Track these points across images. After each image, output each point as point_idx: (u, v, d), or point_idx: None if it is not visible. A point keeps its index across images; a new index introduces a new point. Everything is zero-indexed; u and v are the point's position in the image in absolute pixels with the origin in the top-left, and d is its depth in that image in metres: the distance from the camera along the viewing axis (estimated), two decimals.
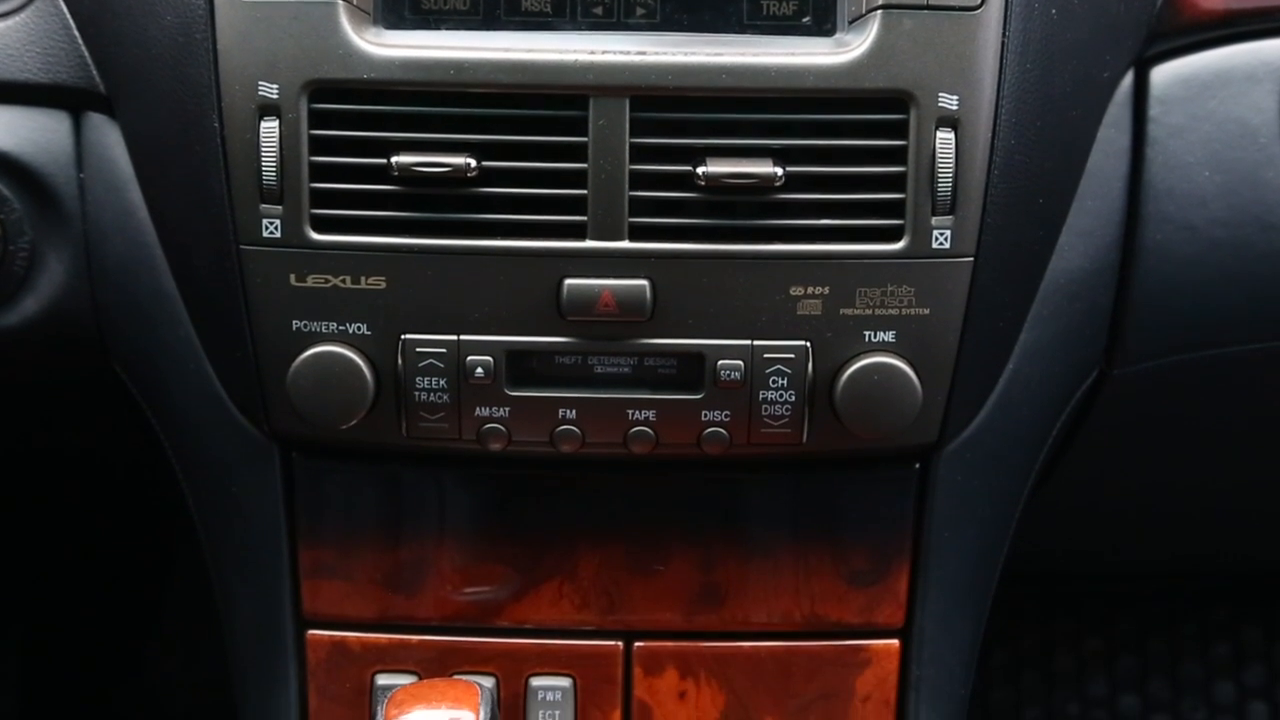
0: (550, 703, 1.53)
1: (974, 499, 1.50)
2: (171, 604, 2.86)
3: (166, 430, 1.54)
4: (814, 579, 1.52)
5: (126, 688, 2.83)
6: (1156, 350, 1.48)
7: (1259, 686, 2.67)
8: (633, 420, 1.40)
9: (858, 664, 1.54)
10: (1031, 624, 2.77)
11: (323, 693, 1.54)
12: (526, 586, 1.52)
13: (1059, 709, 2.72)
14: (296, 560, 1.51)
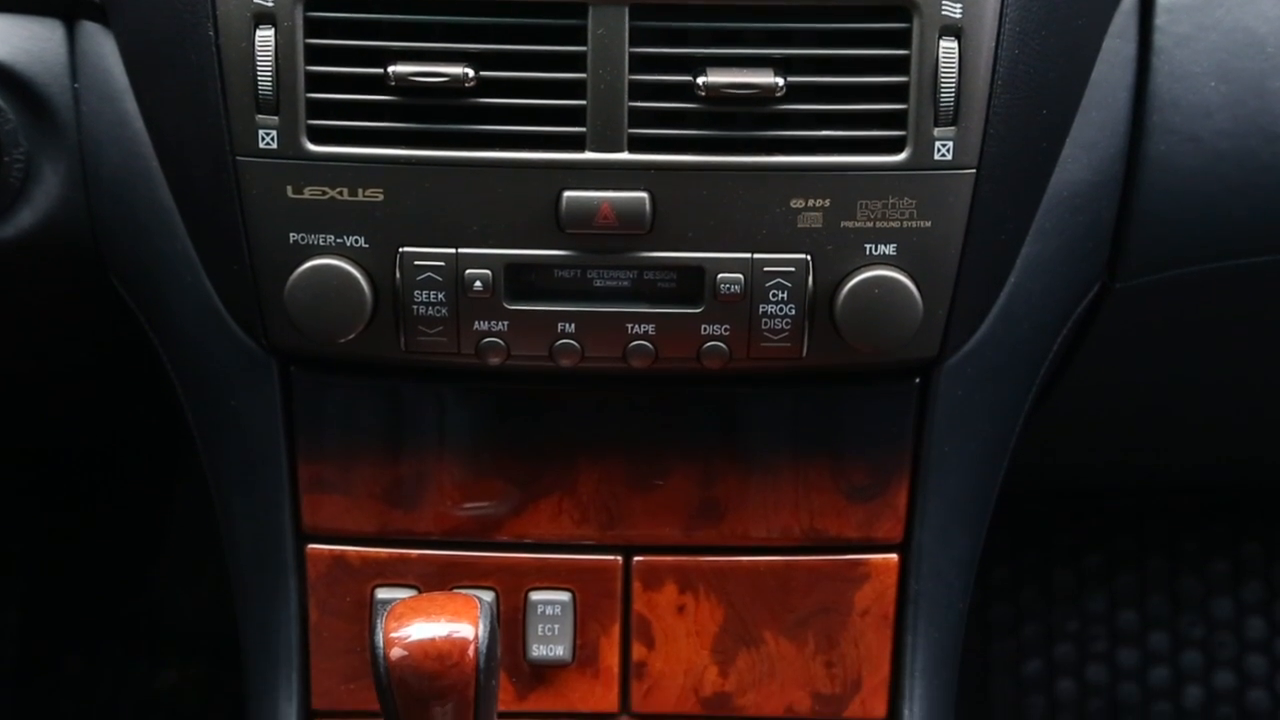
0: (550, 616, 1.54)
1: (974, 414, 1.50)
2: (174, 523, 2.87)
3: (164, 344, 1.53)
4: (813, 494, 1.51)
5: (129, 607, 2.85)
6: (1159, 263, 1.48)
7: (1257, 603, 2.68)
8: (632, 334, 1.39)
9: (856, 579, 1.54)
10: (1031, 540, 2.77)
11: (323, 607, 1.54)
12: (526, 501, 1.52)
13: (1058, 625, 2.73)
14: (296, 475, 1.51)
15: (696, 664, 1.56)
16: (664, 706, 1.57)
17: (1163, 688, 2.69)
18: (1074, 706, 2.70)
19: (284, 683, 1.55)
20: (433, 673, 1.25)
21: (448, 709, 1.27)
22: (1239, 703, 2.66)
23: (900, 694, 1.56)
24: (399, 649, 1.25)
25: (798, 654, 1.55)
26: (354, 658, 1.54)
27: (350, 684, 1.55)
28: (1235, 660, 2.68)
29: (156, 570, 2.85)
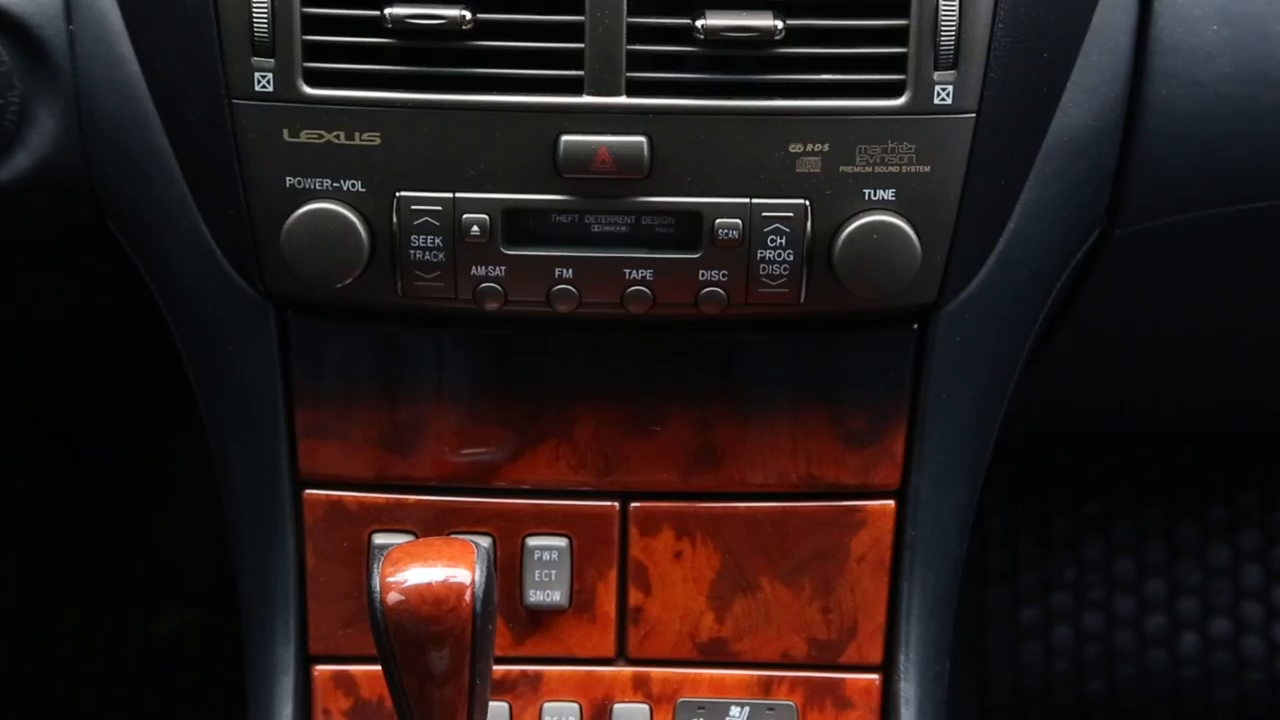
0: (547, 562, 1.54)
1: (972, 360, 1.49)
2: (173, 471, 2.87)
3: (161, 289, 1.53)
4: (810, 440, 1.51)
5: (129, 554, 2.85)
6: (1160, 209, 1.47)
7: (1254, 550, 2.69)
8: (630, 280, 1.39)
9: (853, 525, 1.54)
10: (1028, 489, 2.78)
11: (320, 552, 1.54)
12: (523, 447, 1.52)
13: (1055, 573, 2.74)
14: (292, 420, 1.51)
15: (693, 610, 1.56)
16: (660, 652, 1.57)
17: (1159, 635, 2.70)
18: (1070, 654, 2.71)
19: (281, 628, 1.55)
20: (429, 617, 1.25)
21: (444, 653, 1.27)
22: (1235, 649, 2.67)
23: (896, 640, 1.56)
24: (396, 594, 1.25)
25: (794, 600, 1.55)
26: (351, 603, 1.54)
27: (348, 629, 1.55)
28: (1231, 607, 2.69)
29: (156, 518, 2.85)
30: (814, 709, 1.58)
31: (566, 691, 1.57)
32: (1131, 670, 2.69)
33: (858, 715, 1.58)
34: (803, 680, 1.58)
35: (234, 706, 1.59)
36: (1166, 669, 2.68)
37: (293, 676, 1.55)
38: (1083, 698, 2.70)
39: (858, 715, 1.58)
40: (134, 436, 2.86)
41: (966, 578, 1.65)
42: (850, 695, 1.58)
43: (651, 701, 1.58)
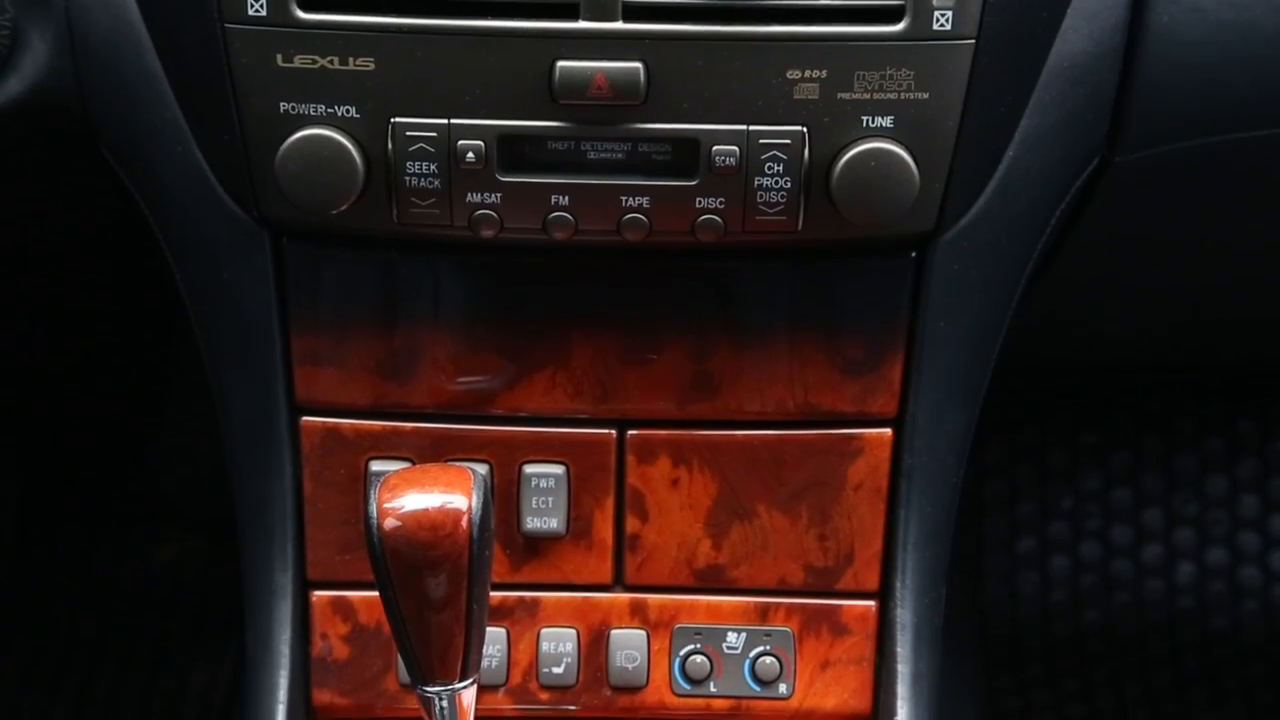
0: (544, 489, 1.54)
1: (970, 288, 1.49)
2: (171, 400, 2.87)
3: (156, 215, 1.52)
4: (808, 368, 1.51)
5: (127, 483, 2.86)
6: (1160, 136, 1.46)
7: (1251, 479, 2.70)
8: (626, 207, 1.38)
9: (850, 452, 1.54)
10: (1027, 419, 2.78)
11: (317, 479, 1.55)
12: (520, 375, 1.52)
13: (1052, 502, 2.75)
14: (289, 348, 1.51)
15: (690, 537, 1.56)
16: (657, 578, 1.58)
17: (1155, 565, 2.71)
18: (1067, 583, 2.72)
19: (279, 554, 1.56)
20: (426, 543, 1.25)
21: (441, 579, 1.27)
22: (1231, 579, 2.68)
23: (892, 567, 1.57)
24: (392, 519, 1.25)
25: (790, 527, 1.56)
26: (349, 529, 1.55)
27: (345, 555, 1.56)
28: (1228, 537, 2.70)
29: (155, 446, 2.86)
30: (810, 635, 1.58)
31: (564, 617, 1.58)
32: (1128, 599, 2.70)
33: (854, 641, 1.58)
34: (799, 607, 1.58)
35: (234, 634, 1.60)
36: (1163, 598, 2.69)
37: (291, 602, 1.56)
38: (1079, 627, 2.71)
39: (854, 641, 1.58)
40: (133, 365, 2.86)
41: (964, 507, 1.65)
42: (847, 621, 1.58)
43: (648, 627, 1.58)
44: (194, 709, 2.62)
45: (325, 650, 1.58)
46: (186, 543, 2.78)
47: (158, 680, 2.66)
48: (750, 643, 1.59)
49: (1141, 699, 2.63)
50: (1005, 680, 2.68)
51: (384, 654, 1.58)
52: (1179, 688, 2.64)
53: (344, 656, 1.58)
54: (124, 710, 2.62)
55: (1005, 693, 2.67)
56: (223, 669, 2.64)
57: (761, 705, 1.59)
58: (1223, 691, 2.63)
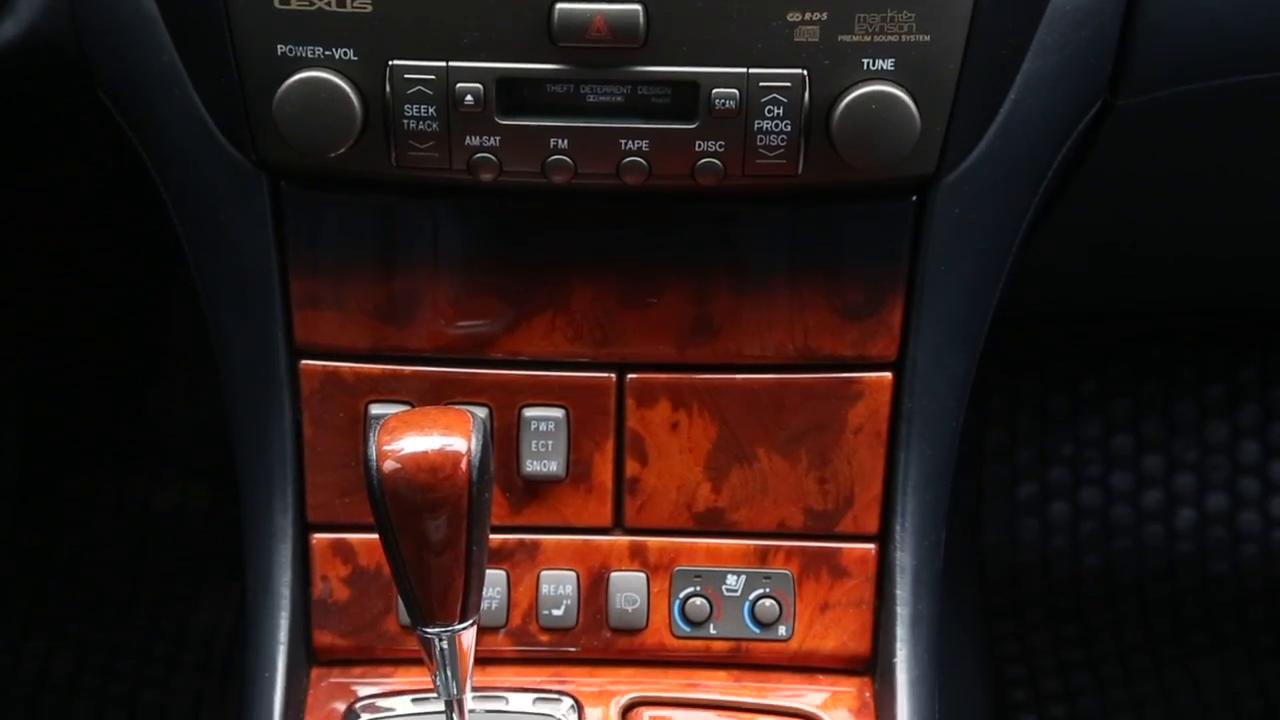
0: (543, 433, 1.54)
1: (971, 232, 1.49)
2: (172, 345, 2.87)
3: (154, 159, 1.51)
4: (808, 312, 1.51)
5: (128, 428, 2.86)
6: (1163, 79, 1.45)
7: (1252, 426, 2.70)
8: (625, 150, 1.38)
9: (850, 396, 1.54)
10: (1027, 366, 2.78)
11: (317, 422, 1.55)
12: (519, 319, 1.52)
13: (1053, 450, 2.75)
14: (287, 291, 1.51)
15: (689, 480, 1.57)
16: (657, 522, 1.58)
17: (1156, 510, 2.71)
18: (1067, 529, 2.73)
19: (279, 497, 1.56)
20: (425, 485, 1.26)
21: (441, 521, 1.28)
22: (1230, 524, 2.69)
23: (892, 510, 1.57)
24: (392, 462, 1.26)
25: (790, 471, 1.56)
26: (348, 472, 1.55)
27: (345, 498, 1.56)
28: (1228, 483, 2.70)
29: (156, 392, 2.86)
30: (810, 578, 1.59)
31: (564, 560, 1.59)
32: (1128, 545, 2.71)
33: (853, 584, 1.59)
34: (799, 550, 1.59)
35: (235, 578, 1.61)
36: (1163, 544, 2.70)
37: (291, 545, 1.57)
38: (1079, 572, 2.72)
39: (853, 584, 1.59)
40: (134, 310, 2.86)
41: (964, 454, 1.66)
42: (846, 564, 1.59)
43: (648, 570, 1.59)
44: (196, 653, 2.63)
45: (325, 592, 1.58)
46: (187, 488, 2.78)
47: (159, 625, 2.67)
48: (750, 585, 1.59)
49: (1141, 644, 2.64)
50: (1004, 625, 2.69)
51: (384, 596, 1.58)
52: (1178, 632, 2.65)
53: (344, 598, 1.58)
54: (126, 655, 2.63)
55: (1004, 638, 2.68)
56: (224, 614, 2.65)
57: (761, 647, 1.60)
58: (1222, 636, 2.64)
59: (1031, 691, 2.61)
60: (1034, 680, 2.63)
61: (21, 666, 2.61)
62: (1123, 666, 2.62)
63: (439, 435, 1.27)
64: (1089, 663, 2.64)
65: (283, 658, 1.55)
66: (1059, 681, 2.62)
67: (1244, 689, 2.57)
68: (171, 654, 2.64)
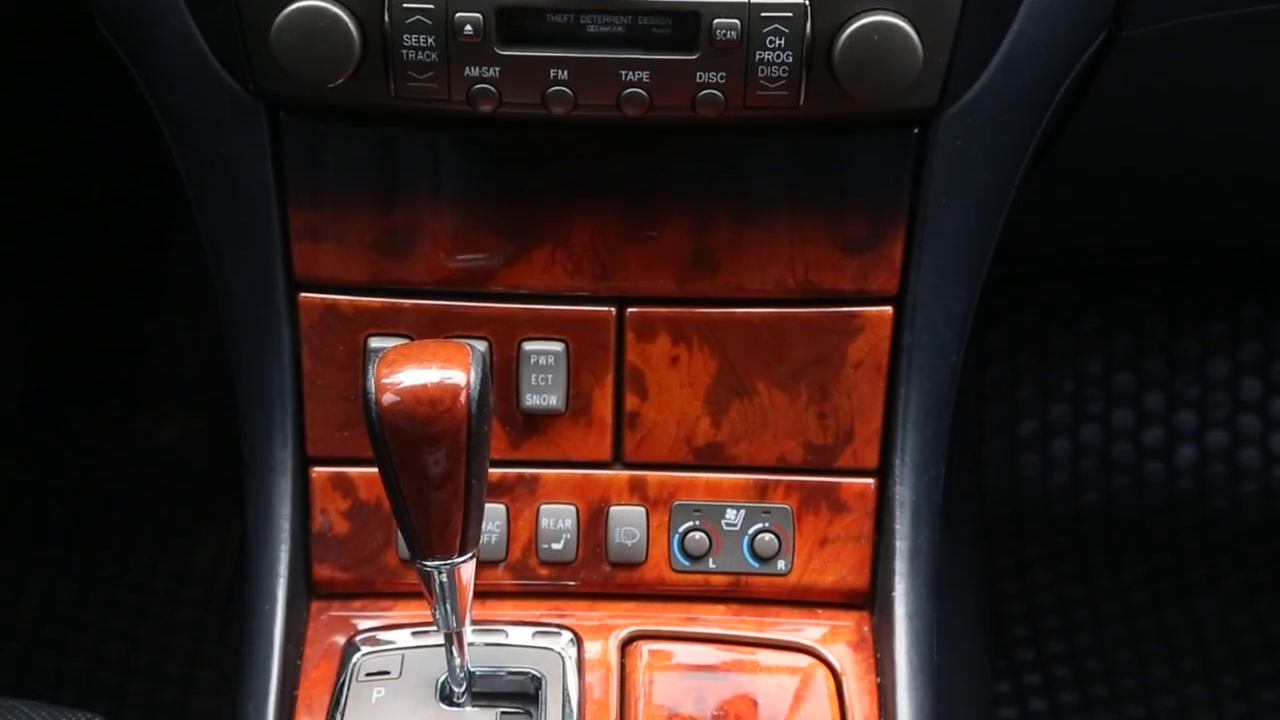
0: (543, 366, 1.54)
1: (973, 165, 1.48)
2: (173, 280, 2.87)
3: (152, 90, 1.50)
4: (808, 245, 1.50)
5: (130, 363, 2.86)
6: (1167, 10, 1.44)
7: (1253, 363, 2.70)
8: (626, 81, 1.37)
9: (851, 330, 1.54)
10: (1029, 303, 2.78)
11: (316, 355, 1.54)
12: (519, 252, 1.51)
13: (1054, 386, 2.75)
14: (286, 223, 1.50)
15: (689, 414, 1.56)
16: (657, 456, 1.58)
17: (1157, 447, 2.72)
18: (1067, 466, 2.74)
19: (279, 430, 1.56)
20: (424, 418, 1.25)
21: (440, 455, 1.27)
22: (1230, 461, 2.69)
23: (892, 445, 1.57)
24: (391, 395, 1.25)
25: (790, 405, 1.56)
26: (348, 405, 1.55)
27: (344, 431, 1.56)
28: (1229, 420, 2.70)
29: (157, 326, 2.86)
30: (809, 512, 1.59)
31: (563, 494, 1.59)
32: (1128, 482, 2.72)
33: (853, 519, 1.59)
34: (798, 484, 1.59)
35: (237, 514, 1.61)
36: (1163, 480, 2.70)
37: (291, 478, 1.56)
38: (1079, 509, 2.73)
39: (853, 519, 1.59)
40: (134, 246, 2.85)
41: (965, 391, 1.65)
42: (846, 499, 1.59)
43: (648, 504, 1.59)
44: (197, 589, 2.64)
45: (325, 526, 1.58)
46: (189, 423, 2.79)
47: (161, 560, 2.68)
48: (749, 520, 1.59)
49: (1140, 580, 2.65)
50: (1004, 562, 2.70)
51: (384, 529, 1.58)
52: (1177, 569, 2.66)
53: (344, 532, 1.59)
54: (128, 589, 2.64)
55: (1004, 574, 2.69)
56: (226, 550, 2.66)
57: (760, 581, 1.60)
58: (1220, 572, 2.65)
59: (1030, 627, 2.62)
60: (1033, 616, 2.64)
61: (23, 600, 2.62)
62: (1122, 603, 2.63)
63: (438, 368, 1.26)
64: (1088, 599, 2.64)
65: (283, 591, 1.55)
66: (1058, 618, 2.63)
67: (1242, 625, 2.58)
68: (173, 589, 2.65)
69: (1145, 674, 2.54)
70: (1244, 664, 2.54)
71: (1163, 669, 2.55)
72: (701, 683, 1.55)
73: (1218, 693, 2.50)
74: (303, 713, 1.50)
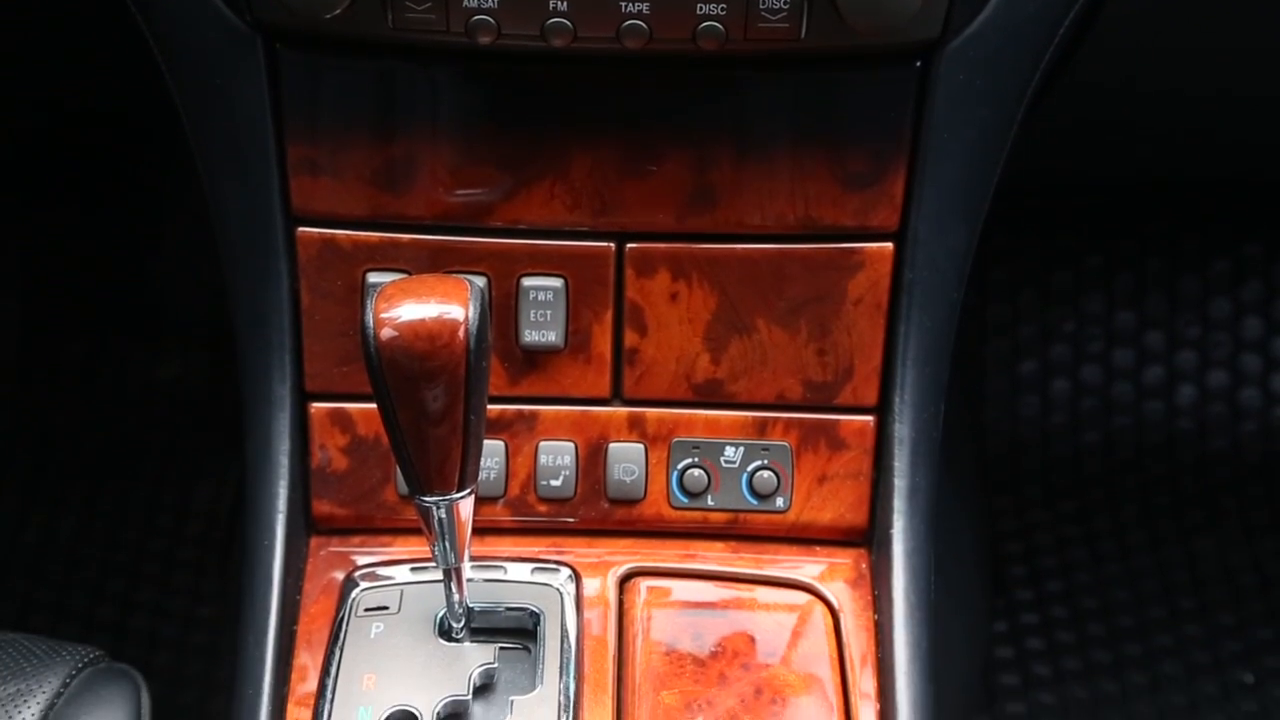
0: (542, 302, 1.53)
1: (975, 99, 1.46)
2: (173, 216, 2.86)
3: (149, 22, 1.49)
4: (809, 181, 1.49)
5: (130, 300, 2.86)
6: None
7: (1255, 301, 2.69)
8: (626, 13, 1.35)
9: (851, 267, 1.53)
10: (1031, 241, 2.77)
11: (315, 290, 1.54)
12: (518, 186, 1.50)
13: (1054, 326, 2.75)
14: (284, 156, 1.49)
15: (688, 351, 1.56)
16: (656, 392, 1.57)
17: (1156, 387, 2.71)
18: (1067, 406, 2.74)
19: (278, 365, 1.55)
20: (423, 353, 1.25)
21: (438, 390, 1.27)
22: (1231, 401, 2.69)
23: (891, 382, 1.56)
24: (389, 329, 1.25)
25: (790, 342, 1.55)
26: (346, 340, 1.54)
27: (343, 366, 1.55)
28: (1230, 359, 2.70)
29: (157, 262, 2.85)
30: (808, 449, 1.59)
31: (562, 430, 1.58)
32: (1128, 422, 2.72)
33: (852, 456, 1.59)
34: (798, 421, 1.58)
35: (236, 450, 1.60)
36: (1162, 420, 2.71)
37: (289, 414, 1.56)
38: (1078, 449, 2.73)
39: (852, 456, 1.59)
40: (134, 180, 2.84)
41: (965, 330, 1.65)
42: (845, 436, 1.59)
43: (646, 441, 1.59)
44: (198, 524, 2.65)
45: (324, 461, 1.58)
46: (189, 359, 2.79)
47: (161, 496, 2.68)
48: (748, 457, 1.59)
49: (1138, 520, 2.66)
50: (1003, 501, 2.70)
51: (382, 465, 1.58)
52: (1176, 509, 2.66)
53: (343, 468, 1.58)
54: (128, 525, 2.65)
55: (1003, 513, 2.69)
56: (225, 485, 2.67)
57: (758, 519, 1.60)
58: (1219, 512, 2.65)
59: (1028, 567, 2.63)
60: (1031, 556, 2.65)
61: (24, 534, 2.62)
62: (1119, 542, 2.64)
63: (436, 303, 1.26)
64: (1086, 538, 2.65)
65: (281, 526, 1.55)
66: (1056, 557, 2.64)
67: (1239, 564, 2.59)
68: (174, 526, 2.65)
69: (1142, 613, 2.55)
70: (1241, 602, 2.55)
71: (1160, 608, 2.55)
72: (699, 619, 1.55)
73: (1214, 631, 2.51)
74: (302, 647, 1.50)
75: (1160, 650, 2.50)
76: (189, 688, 2.41)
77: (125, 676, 1.51)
